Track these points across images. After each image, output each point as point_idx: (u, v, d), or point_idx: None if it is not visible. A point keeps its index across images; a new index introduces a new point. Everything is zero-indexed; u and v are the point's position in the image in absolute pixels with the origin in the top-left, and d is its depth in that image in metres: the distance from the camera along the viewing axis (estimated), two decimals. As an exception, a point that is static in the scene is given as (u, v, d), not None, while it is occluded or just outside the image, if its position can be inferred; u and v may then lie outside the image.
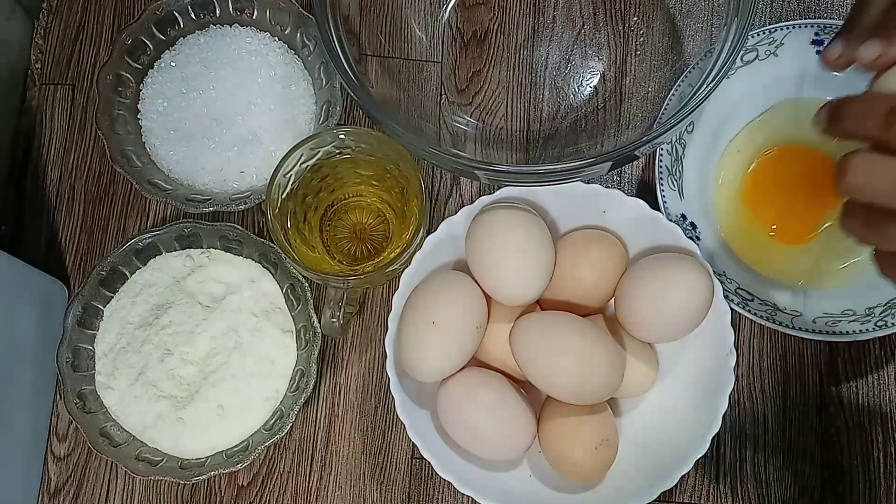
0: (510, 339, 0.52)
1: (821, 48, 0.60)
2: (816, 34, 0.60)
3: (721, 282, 0.55)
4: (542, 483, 0.54)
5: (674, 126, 0.50)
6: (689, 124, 0.59)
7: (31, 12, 0.65)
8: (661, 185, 0.58)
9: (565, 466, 0.52)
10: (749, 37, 0.59)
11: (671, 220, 0.55)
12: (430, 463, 0.51)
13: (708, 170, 0.60)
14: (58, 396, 0.59)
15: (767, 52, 0.61)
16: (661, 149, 0.58)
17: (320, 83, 0.61)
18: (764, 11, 0.64)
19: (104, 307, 0.58)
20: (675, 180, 0.58)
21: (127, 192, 0.63)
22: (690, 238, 0.54)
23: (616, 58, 0.63)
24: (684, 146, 0.59)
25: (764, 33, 0.60)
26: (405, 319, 0.52)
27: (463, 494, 0.52)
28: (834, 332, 0.56)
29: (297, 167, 0.55)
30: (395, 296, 0.54)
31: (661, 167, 0.58)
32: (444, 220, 0.55)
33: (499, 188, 0.55)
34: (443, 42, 0.64)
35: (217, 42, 0.61)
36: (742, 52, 0.59)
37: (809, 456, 0.58)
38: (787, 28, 0.60)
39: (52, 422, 0.59)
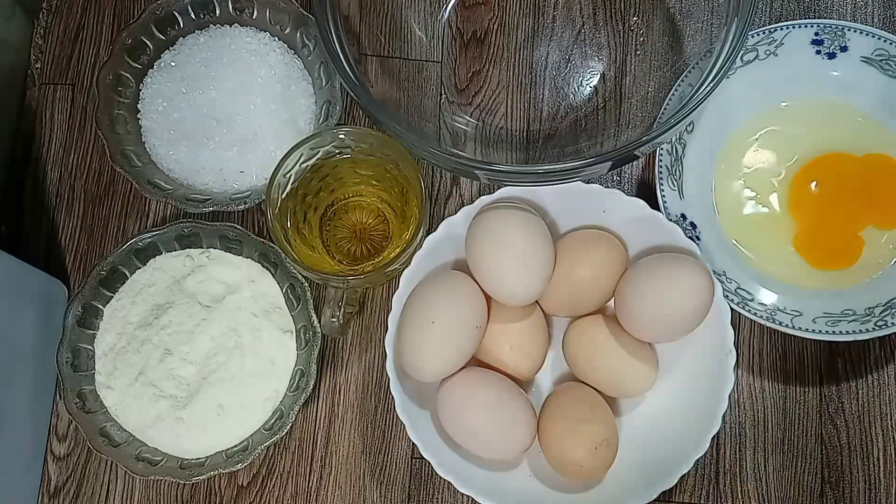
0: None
1: (820, 48, 0.60)
2: (816, 34, 0.60)
3: (721, 282, 0.55)
4: (542, 483, 0.54)
5: (674, 126, 0.50)
6: (690, 124, 0.60)
7: (31, 12, 0.65)
8: (661, 184, 0.58)
9: (565, 466, 0.52)
10: (749, 37, 0.59)
11: (671, 220, 0.55)
12: (430, 463, 0.51)
13: (708, 169, 0.60)
14: (58, 396, 0.59)
15: (767, 52, 0.61)
16: (661, 148, 0.58)
17: (320, 83, 0.61)
18: (764, 11, 0.64)
19: (104, 307, 0.58)
20: (675, 180, 0.58)
21: (127, 192, 0.63)
22: (690, 238, 0.54)
23: (616, 58, 0.63)
24: (684, 146, 0.59)
25: (764, 33, 0.60)
26: (405, 319, 0.52)
27: (463, 494, 0.52)
28: (834, 332, 0.56)
29: (296, 167, 0.55)
30: (395, 296, 0.54)
31: (660, 167, 0.58)
32: (444, 220, 0.55)
33: (499, 188, 0.55)
34: (443, 42, 0.64)
35: (217, 42, 0.61)
36: (742, 53, 0.59)
37: (809, 456, 0.58)
38: (787, 28, 0.60)
39: (52, 422, 0.59)
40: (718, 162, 0.61)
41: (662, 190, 0.58)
